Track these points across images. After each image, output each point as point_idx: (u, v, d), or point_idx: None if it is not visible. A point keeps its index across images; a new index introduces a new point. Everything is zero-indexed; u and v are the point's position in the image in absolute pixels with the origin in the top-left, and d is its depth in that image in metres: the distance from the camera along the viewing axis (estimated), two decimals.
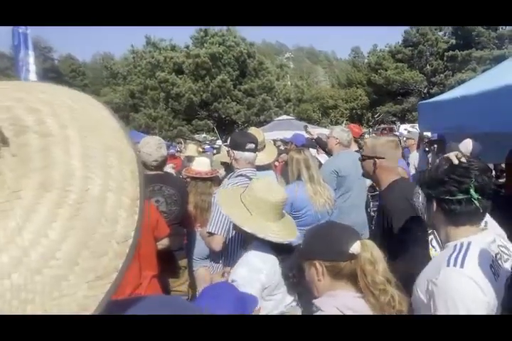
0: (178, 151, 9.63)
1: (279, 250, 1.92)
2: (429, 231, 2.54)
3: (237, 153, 2.68)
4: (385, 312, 1.21)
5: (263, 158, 3.33)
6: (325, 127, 16.19)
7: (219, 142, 11.65)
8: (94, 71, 63.69)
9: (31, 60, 8.52)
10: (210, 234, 2.41)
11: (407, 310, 1.24)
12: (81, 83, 61.08)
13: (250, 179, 2.60)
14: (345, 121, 26.28)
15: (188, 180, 3.68)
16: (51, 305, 0.33)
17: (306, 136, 5.74)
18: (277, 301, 1.91)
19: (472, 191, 1.28)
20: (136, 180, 0.39)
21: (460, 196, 1.31)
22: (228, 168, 3.83)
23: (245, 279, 1.80)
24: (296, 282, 1.95)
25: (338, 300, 1.26)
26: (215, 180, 3.69)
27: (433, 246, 2.47)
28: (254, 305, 1.54)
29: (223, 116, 21.18)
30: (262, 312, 1.84)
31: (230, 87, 20.26)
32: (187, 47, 23.16)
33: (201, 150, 8.53)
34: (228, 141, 3.14)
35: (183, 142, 12.06)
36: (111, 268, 0.36)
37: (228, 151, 2.84)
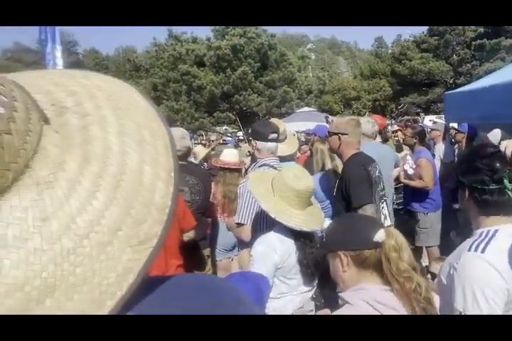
0: (199, 143, 9.68)
1: (300, 237, 1.96)
2: (382, 200, 2.65)
3: (260, 143, 2.70)
4: (411, 300, 1.20)
5: (284, 148, 3.33)
6: None
7: (240, 134, 11.66)
8: (116, 64, 64.55)
9: (58, 53, 8.68)
10: (239, 224, 2.44)
11: (433, 297, 1.23)
12: None
13: (274, 168, 2.63)
14: (367, 113, 25.87)
15: (211, 170, 3.74)
16: (99, 267, 0.36)
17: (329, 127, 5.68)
18: (291, 286, 1.95)
19: (506, 181, 1.26)
20: (169, 154, 0.42)
21: (493, 186, 1.29)
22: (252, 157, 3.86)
23: (260, 256, 1.88)
24: (311, 272, 1.99)
25: (366, 294, 1.26)
26: (241, 171, 3.74)
27: (383, 214, 2.59)
28: (268, 286, 1.61)
29: (244, 108, 21.16)
30: (277, 294, 1.89)
31: (251, 78, 20.19)
32: (208, 39, 23.16)
33: (221, 142, 8.57)
34: (249, 131, 3.16)
35: (204, 134, 12.13)
36: (151, 234, 0.38)
37: (250, 141, 2.87)
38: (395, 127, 8.37)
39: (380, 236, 1.26)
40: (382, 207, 2.67)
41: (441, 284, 1.31)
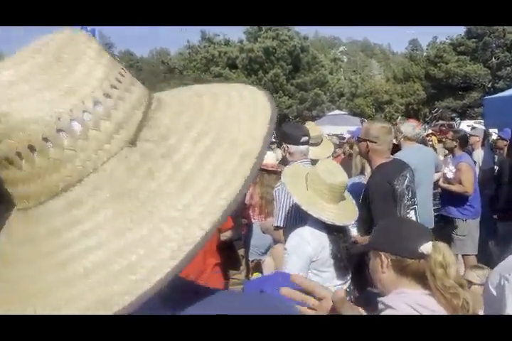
0: None
1: (333, 231, 1.98)
2: (410, 209, 2.58)
3: (292, 147, 2.71)
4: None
5: (319, 152, 3.34)
6: None
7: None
8: (150, 66, 65.99)
9: None
10: (278, 228, 2.47)
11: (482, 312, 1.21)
12: (138, 78, 63.24)
13: None
14: (400, 117, 25.38)
15: None
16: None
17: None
18: (324, 279, 1.97)
19: None
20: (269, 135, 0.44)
21: None
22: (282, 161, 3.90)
23: (293, 248, 1.92)
24: (344, 266, 2.00)
25: (409, 298, 1.24)
26: (279, 173, 3.79)
27: None
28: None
29: None
30: None
31: (282, 81, 20.25)
32: (241, 41, 23.37)
33: None
34: (279, 134, 3.18)
35: None
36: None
37: (281, 145, 2.88)
38: (429, 131, 8.20)
39: (426, 248, 1.24)
40: (410, 217, 2.62)
41: (489, 295, 1.29)
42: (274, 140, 10.37)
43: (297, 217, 2.46)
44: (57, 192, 0.40)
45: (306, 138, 2.74)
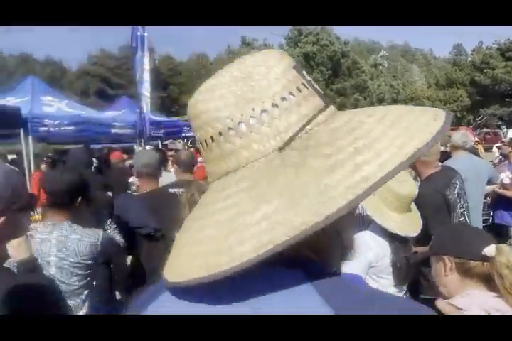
0: None
1: (395, 240, 1.99)
2: (461, 217, 2.51)
3: None
4: None
5: None
6: None
7: None
8: (189, 70, 67.43)
9: (146, 60, 9.35)
10: None
11: None
12: (177, 81, 65.19)
13: None
14: None
15: None
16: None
17: None
18: (382, 286, 1.98)
19: None
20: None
21: None
22: None
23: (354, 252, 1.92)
24: (403, 275, 2.01)
25: (479, 299, 1.25)
26: None
27: None
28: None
29: None
30: None
31: (322, 86, 20.19)
32: (281, 46, 23.50)
33: None
34: None
35: None
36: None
37: None
38: (474, 139, 7.98)
39: (489, 250, 1.25)
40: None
41: None
42: None
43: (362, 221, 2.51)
44: (220, 176, 0.51)
45: None
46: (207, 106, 0.51)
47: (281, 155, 0.48)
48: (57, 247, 1.95)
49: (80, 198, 2.06)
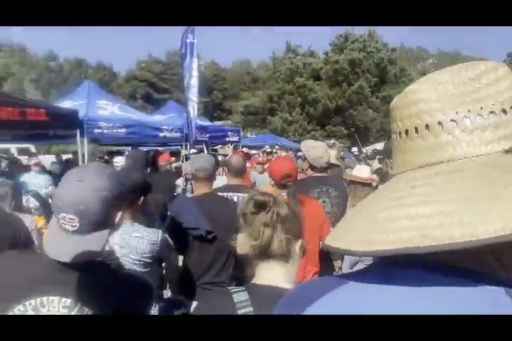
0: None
1: None
2: None
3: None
4: None
5: None
6: None
7: (354, 149, 11.51)
8: (233, 76, 68.50)
9: (194, 66, 9.58)
10: None
11: None
12: (221, 87, 66.41)
13: None
14: None
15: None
16: None
17: None
18: None
19: None
20: None
21: None
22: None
23: None
24: None
25: None
26: (372, 186, 3.80)
27: None
28: None
29: (358, 123, 20.84)
30: None
31: (367, 93, 19.90)
32: (326, 53, 23.38)
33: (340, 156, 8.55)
34: (383, 149, 3.18)
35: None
36: None
37: (381, 160, 2.89)
38: None
39: None
40: None
41: None
42: (357, 153, 10.20)
43: None
44: (421, 165, 0.51)
45: None
46: (426, 96, 0.51)
47: (496, 159, 0.49)
48: (120, 245, 2.04)
49: (142, 198, 2.15)
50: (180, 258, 2.86)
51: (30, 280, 1.10)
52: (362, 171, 3.90)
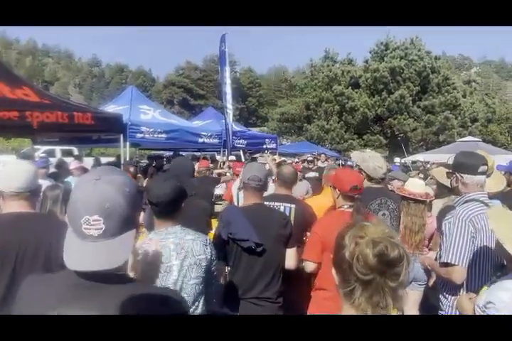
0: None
1: None
2: None
3: (467, 177, 2.49)
4: None
5: (491, 185, 3.04)
6: None
7: (397, 160, 11.15)
8: (268, 82, 68.83)
9: (227, 74, 9.69)
10: (448, 264, 2.28)
11: None
12: (256, 93, 66.86)
13: (486, 204, 2.41)
14: None
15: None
16: None
17: None
18: None
19: None
20: None
21: None
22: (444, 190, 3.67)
23: (504, 304, 1.70)
24: None
25: None
26: (427, 203, 3.60)
27: None
28: None
29: (397, 133, 20.32)
30: None
31: (408, 102, 19.35)
32: (366, 61, 23.02)
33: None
34: (453, 163, 2.98)
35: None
36: None
37: (450, 174, 2.69)
38: None
39: None
40: None
41: None
42: (404, 163, 9.88)
43: (476, 255, 2.27)
44: None
45: (485, 167, 2.51)
46: None
47: None
48: (176, 250, 1.98)
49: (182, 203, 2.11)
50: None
51: (58, 301, 1.00)
52: (416, 186, 3.68)
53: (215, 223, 3.14)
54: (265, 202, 2.89)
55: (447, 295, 2.35)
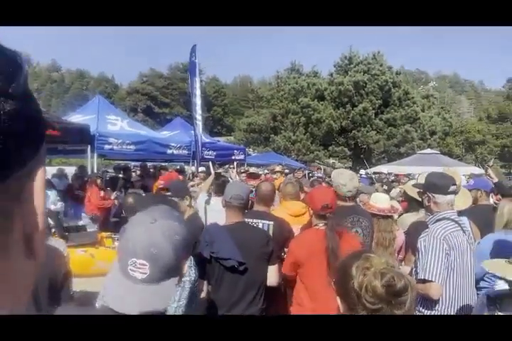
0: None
1: None
2: None
3: (439, 197, 2.63)
4: None
5: (460, 203, 3.20)
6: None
7: (362, 172, 11.44)
8: (233, 91, 69.07)
9: (197, 85, 9.67)
10: (426, 281, 2.38)
11: None
12: (221, 102, 66.91)
13: (456, 222, 2.54)
14: (492, 159, 23.65)
15: None
16: None
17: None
18: None
19: None
20: None
21: None
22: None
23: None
24: None
25: None
26: (393, 217, 3.71)
27: None
28: None
29: (360, 145, 20.92)
30: None
31: (371, 115, 20.02)
32: (331, 74, 23.64)
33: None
34: (424, 183, 3.10)
35: (322, 168, 12.18)
36: None
37: (422, 193, 2.80)
38: None
39: None
40: None
41: None
42: (365, 175, 10.15)
43: (447, 271, 2.39)
44: None
45: (455, 187, 2.66)
46: None
47: None
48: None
49: None
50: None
51: None
52: (381, 201, 3.67)
53: None
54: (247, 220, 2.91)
55: (423, 310, 2.45)
